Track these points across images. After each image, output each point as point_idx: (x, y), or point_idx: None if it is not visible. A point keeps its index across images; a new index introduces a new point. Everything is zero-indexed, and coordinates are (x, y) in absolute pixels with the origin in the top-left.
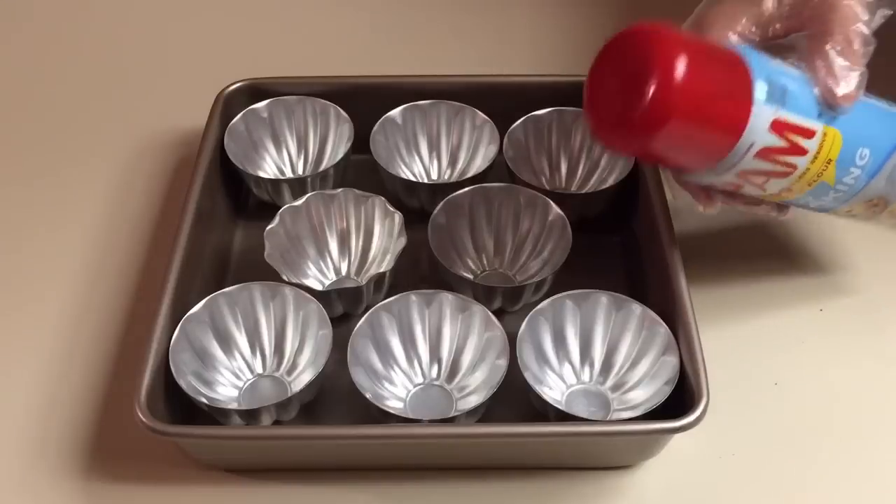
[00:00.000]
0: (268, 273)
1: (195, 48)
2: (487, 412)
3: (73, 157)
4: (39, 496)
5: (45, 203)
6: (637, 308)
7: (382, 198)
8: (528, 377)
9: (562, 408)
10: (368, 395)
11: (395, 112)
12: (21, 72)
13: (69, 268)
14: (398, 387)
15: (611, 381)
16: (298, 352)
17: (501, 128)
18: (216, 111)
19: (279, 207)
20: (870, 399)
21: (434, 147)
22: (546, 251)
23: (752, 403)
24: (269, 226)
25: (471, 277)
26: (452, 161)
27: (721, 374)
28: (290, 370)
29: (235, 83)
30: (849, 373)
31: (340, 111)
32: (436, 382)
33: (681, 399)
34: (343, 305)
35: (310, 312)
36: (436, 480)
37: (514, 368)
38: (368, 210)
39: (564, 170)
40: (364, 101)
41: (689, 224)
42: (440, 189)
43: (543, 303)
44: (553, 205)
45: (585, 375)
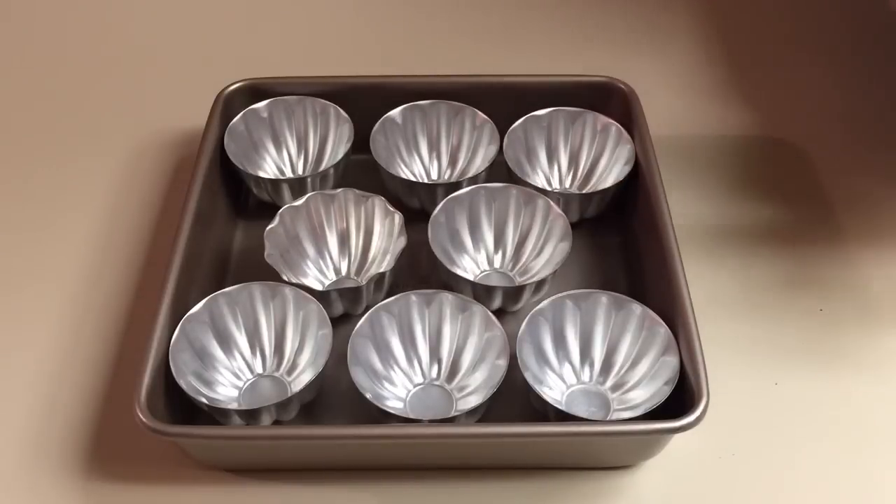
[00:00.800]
0: (268, 273)
1: (195, 48)
2: (487, 412)
3: (74, 157)
4: (39, 496)
5: (46, 203)
6: (637, 308)
7: (382, 198)
8: (528, 377)
9: (562, 408)
10: (368, 395)
11: (395, 112)
12: (21, 72)
13: (69, 268)
14: (398, 387)
15: (611, 381)
16: (298, 352)
17: (501, 128)
18: (216, 111)
19: (279, 207)
20: (870, 399)
21: (434, 147)
22: (546, 251)
23: (752, 403)
24: (269, 226)
25: (471, 277)
26: (452, 161)
27: (721, 374)
28: (290, 370)
29: (235, 83)
30: (849, 373)
31: (340, 111)
32: (436, 382)
33: (681, 399)
34: (343, 305)
35: (310, 312)
36: (436, 480)
37: (514, 368)
38: (368, 210)
39: (564, 170)
40: (364, 101)
41: (690, 224)
42: (440, 189)
43: (543, 303)
44: (553, 205)
45: (585, 375)
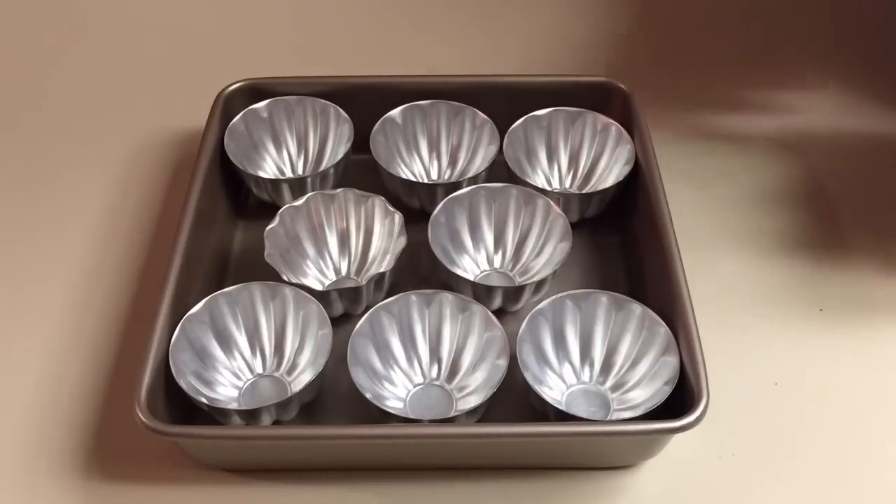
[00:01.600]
0: (268, 273)
1: (195, 48)
2: (487, 412)
3: (74, 158)
4: (39, 496)
5: (46, 203)
6: (637, 308)
7: (382, 198)
8: (528, 377)
9: (562, 408)
10: (368, 395)
11: (395, 112)
12: (21, 72)
13: (69, 267)
14: (398, 387)
15: (611, 381)
16: (298, 352)
17: (501, 128)
18: (216, 111)
19: (279, 207)
20: (869, 399)
21: (434, 147)
22: (546, 251)
23: (752, 403)
24: (270, 226)
25: (471, 277)
26: (452, 161)
27: (721, 374)
28: (290, 370)
29: (235, 83)
30: (849, 373)
31: (340, 111)
32: (436, 382)
33: (681, 399)
34: (343, 305)
35: (310, 312)
36: (436, 480)
37: (514, 368)
38: (368, 210)
39: (564, 170)
40: (364, 101)
41: (690, 224)
42: (440, 189)
43: (543, 303)
44: (553, 205)
45: (585, 375)
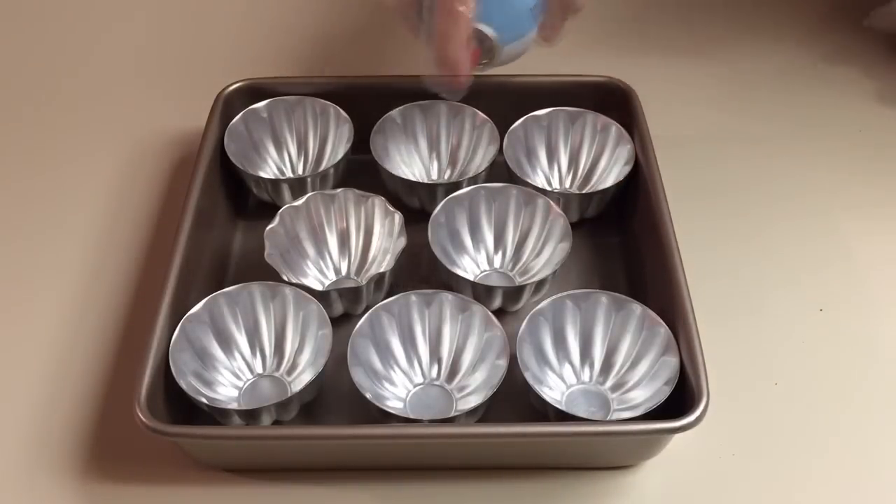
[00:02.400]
0: (268, 273)
1: (195, 48)
2: (487, 412)
3: (73, 157)
4: (39, 496)
5: (46, 203)
6: (637, 308)
7: (382, 198)
8: (528, 377)
9: (562, 408)
10: (368, 395)
11: (395, 112)
12: (20, 72)
13: (69, 267)
14: (398, 387)
15: (611, 381)
16: (298, 352)
17: (501, 128)
18: (216, 111)
19: (279, 207)
20: (869, 399)
21: (434, 147)
22: (546, 251)
23: (752, 403)
24: (270, 226)
25: (471, 277)
26: (452, 161)
27: (721, 374)
28: (290, 370)
29: (235, 83)
30: (849, 373)
31: (340, 111)
32: (436, 382)
33: (681, 399)
34: (343, 305)
35: (310, 312)
36: (436, 480)
37: (514, 368)
38: (368, 210)
39: (564, 170)
40: (364, 101)
41: (690, 223)
42: (440, 189)
43: (543, 303)
44: (553, 205)
45: (585, 375)
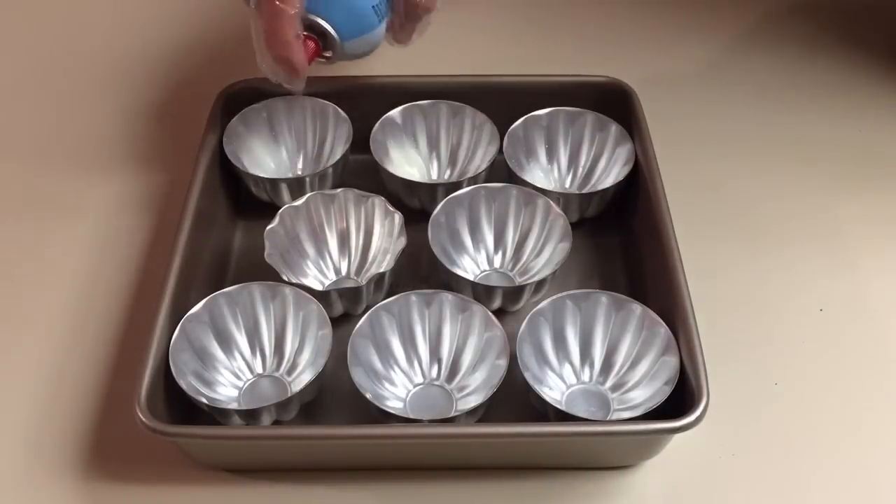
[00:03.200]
0: (268, 273)
1: (195, 48)
2: (487, 412)
3: (73, 157)
4: (39, 496)
5: (45, 203)
6: (637, 308)
7: (382, 198)
8: (528, 377)
9: (562, 408)
10: (368, 395)
11: (395, 112)
12: (20, 72)
13: (69, 267)
14: (398, 387)
15: (611, 381)
16: (298, 352)
17: (501, 128)
18: (216, 111)
19: (279, 207)
20: (869, 399)
21: (434, 147)
22: (546, 251)
23: (752, 403)
24: (269, 226)
25: (471, 277)
26: (452, 161)
27: (721, 374)
28: (290, 370)
29: (235, 83)
30: (849, 373)
31: (339, 111)
32: (436, 382)
33: (681, 399)
34: (343, 305)
35: (310, 312)
36: (436, 480)
37: (514, 368)
38: (368, 210)
39: (564, 170)
40: (364, 101)
41: (690, 223)
42: (440, 189)
43: (543, 303)
44: (553, 205)
45: (585, 375)
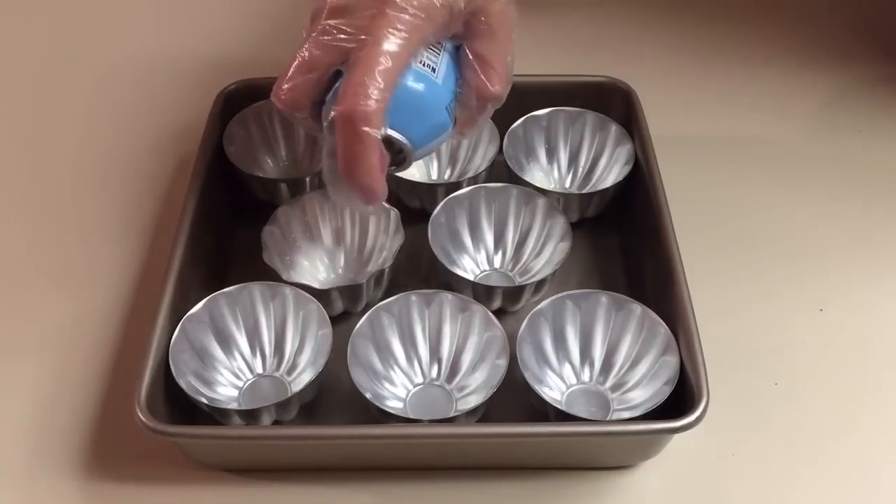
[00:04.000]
0: (268, 273)
1: (195, 48)
2: (487, 412)
3: (74, 157)
4: (39, 496)
5: (45, 202)
6: (637, 308)
7: None
8: (528, 377)
9: (562, 408)
10: (368, 395)
11: None
12: (21, 72)
13: (69, 267)
14: (398, 387)
15: (611, 381)
16: (298, 352)
17: (501, 128)
18: (216, 111)
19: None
20: (869, 399)
21: None
22: (546, 251)
23: (752, 403)
24: (266, 226)
25: (471, 277)
26: (452, 161)
27: (721, 374)
28: (290, 370)
29: (235, 83)
30: (849, 373)
31: None
32: (436, 382)
33: (681, 399)
34: (343, 303)
35: (310, 312)
36: (436, 480)
37: (514, 368)
38: None
39: (564, 170)
40: None
41: (690, 223)
42: (440, 189)
43: (543, 303)
44: (553, 205)
45: (585, 375)
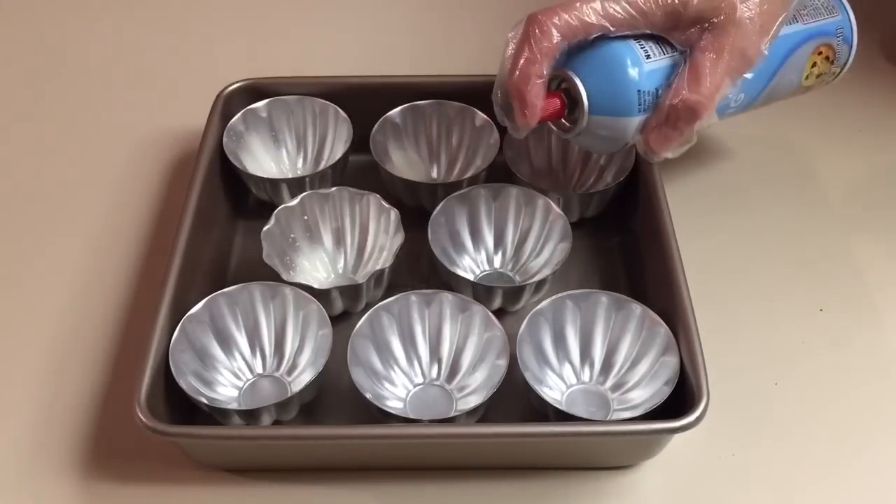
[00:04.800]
0: (268, 273)
1: (195, 48)
2: (487, 412)
3: (74, 157)
4: (39, 496)
5: (45, 203)
6: (637, 308)
7: (377, 195)
8: (528, 377)
9: (562, 408)
10: (368, 395)
11: (395, 112)
12: (22, 72)
13: (69, 267)
14: (398, 387)
15: (611, 381)
16: (298, 352)
17: (501, 128)
18: (216, 111)
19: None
20: (869, 399)
21: (434, 147)
22: (546, 251)
23: (752, 403)
24: (266, 226)
25: (471, 277)
26: (452, 161)
27: (721, 374)
28: (290, 370)
29: (235, 83)
30: (849, 373)
31: (339, 111)
32: (436, 382)
33: (681, 399)
34: (343, 303)
35: (310, 312)
36: (436, 480)
37: (514, 368)
38: (363, 208)
39: (564, 169)
40: (364, 101)
41: (690, 223)
42: (440, 189)
43: (543, 303)
44: (553, 205)
45: (585, 375)
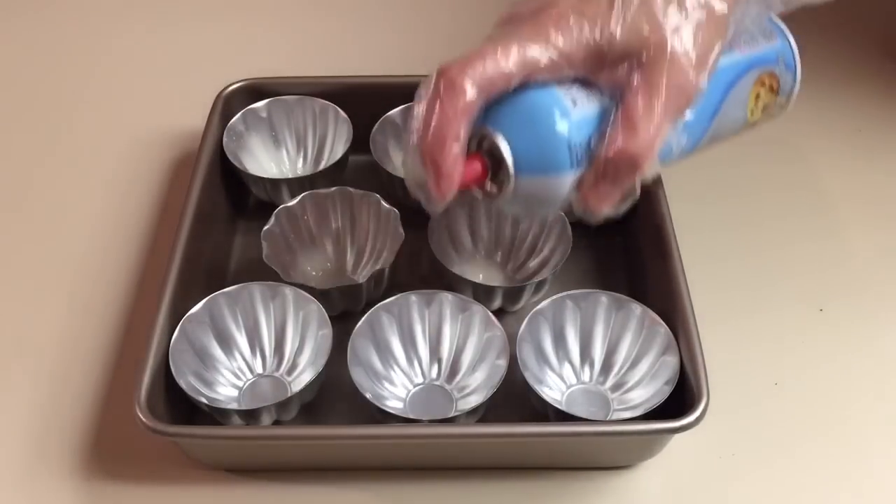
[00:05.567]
0: (268, 273)
1: (195, 48)
2: (487, 412)
3: (74, 157)
4: (39, 496)
5: (46, 203)
6: (637, 308)
7: (377, 195)
8: (528, 377)
9: (562, 408)
10: (368, 395)
11: (395, 112)
12: (22, 72)
13: (69, 268)
14: (398, 387)
15: (611, 381)
16: (298, 352)
17: None
18: (216, 111)
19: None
20: (869, 399)
21: None
22: (546, 251)
23: (752, 403)
24: (266, 226)
25: (471, 277)
26: None
27: (721, 374)
28: (290, 370)
29: (235, 83)
30: (849, 373)
31: (339, 111)
32: (436, 382)
33: (681, 399)
34: (343, 303)
35: (310, 312)
36: (436, 480)
37: (514, 368)
38: (363, 208)
39: None
40: (364, 101)
41: (690, 224)
42: None
43: (543, 303)
44: None
45: (585, 375)
